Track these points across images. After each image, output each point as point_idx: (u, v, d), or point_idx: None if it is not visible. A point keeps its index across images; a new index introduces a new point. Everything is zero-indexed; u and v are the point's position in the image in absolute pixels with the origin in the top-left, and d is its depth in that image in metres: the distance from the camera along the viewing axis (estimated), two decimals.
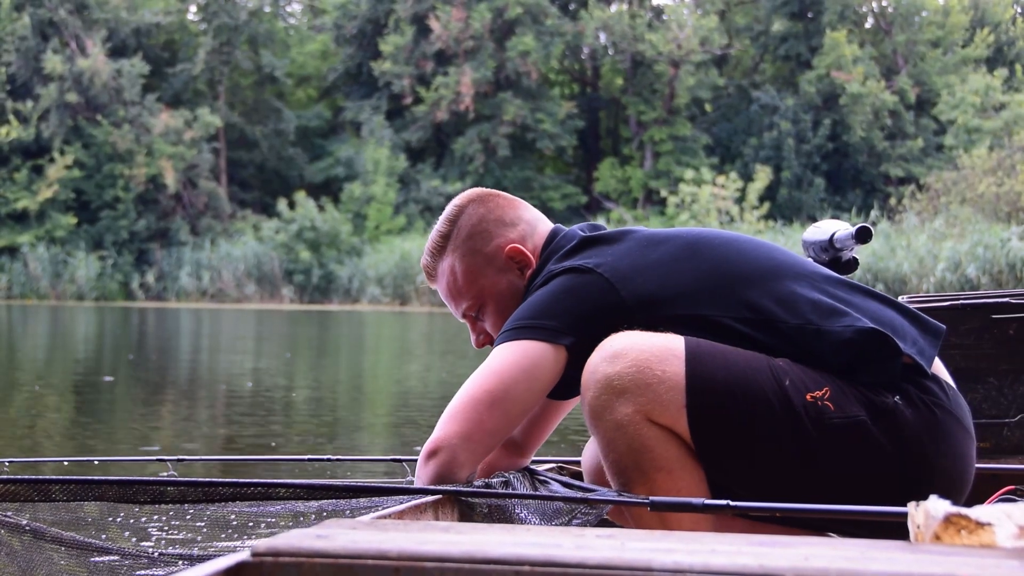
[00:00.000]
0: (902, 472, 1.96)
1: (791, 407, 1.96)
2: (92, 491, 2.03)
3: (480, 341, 2.32)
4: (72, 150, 35.97)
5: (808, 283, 2.09)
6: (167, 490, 2.01)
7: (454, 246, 2.27)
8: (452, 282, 2.28)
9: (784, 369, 1.99)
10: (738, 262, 2.11)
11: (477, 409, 2.02)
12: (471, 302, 2.28)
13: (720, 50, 39.72)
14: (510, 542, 1.27)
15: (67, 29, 37.65)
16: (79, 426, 6.38)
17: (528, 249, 2.26)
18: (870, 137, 37.04)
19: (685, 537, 1.37)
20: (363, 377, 10.85)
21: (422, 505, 1.86)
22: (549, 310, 2.06)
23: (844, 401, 1.97)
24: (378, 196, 36.33)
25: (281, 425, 6.47)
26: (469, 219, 2.28)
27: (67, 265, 34.38)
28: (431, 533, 1.34)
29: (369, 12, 41.13)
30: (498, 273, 2.25)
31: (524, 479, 2.27)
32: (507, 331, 2.07)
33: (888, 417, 1.97)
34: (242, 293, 34.26)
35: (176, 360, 12.31)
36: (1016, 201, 26.77)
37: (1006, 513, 1.31)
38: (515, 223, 2.29)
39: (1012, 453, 2.94)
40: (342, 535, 1.29)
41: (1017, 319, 2.94)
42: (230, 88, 39.95)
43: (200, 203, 37.30)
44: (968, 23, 39.14)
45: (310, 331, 19.91)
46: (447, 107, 38.06)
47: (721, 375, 1.96)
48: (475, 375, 2.06)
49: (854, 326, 1.99)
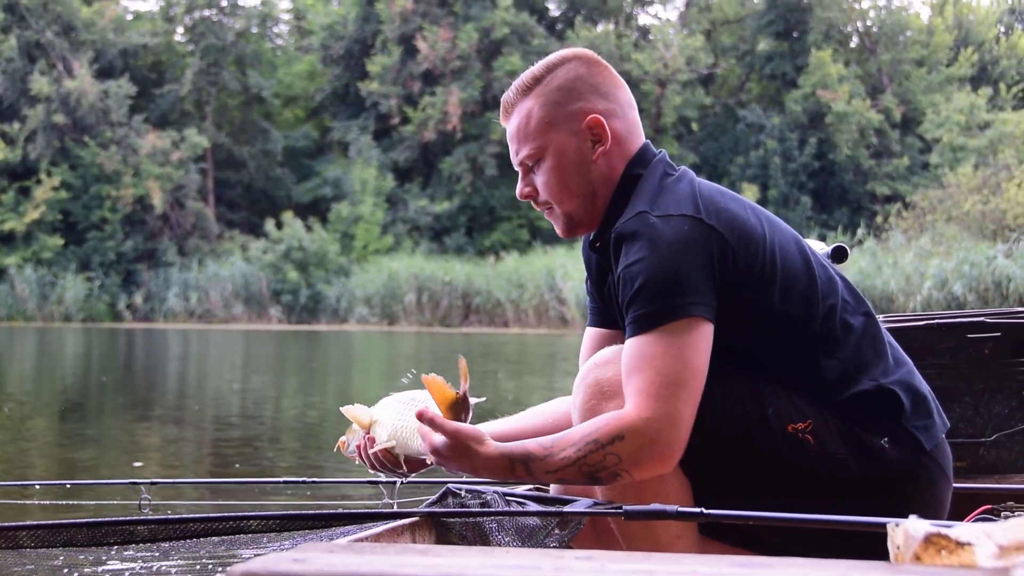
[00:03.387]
0: (877, 514, 1.92)
1: (771, 435, 1.97)
2: (61, 536, 2.00)
3: (525, 192, 2.24)
4: (59, 171, 35.83)
5: (854, 311, 2.11)
6: (137, 529, 1.99)
7: (541, 91, 2.18)
8: (524, 125, 2.19)
9: (769, 397, 1.99)
10: (828, 277, 2.11)
11: (683, 388, 1.91)
12: (533, 151, 2.19)
13: (706, 69, 39.84)
14: (489, 564, 1.26)
15: (54, 50, 37.58)
16: (56, 447, 6.32)
17: (609, 127, 2.16)
18: (856, 155, 37.15)
19: (666, 559, 1.36)
20: (350, 397, 10.80)
21: (399, 528, 1.86)
22: (700, 280, 1.95)
23: (826, 436, 1.98)
24: (366, 216, 36.26)
25: (258, 447, 6.40)
26: (566, 73, 2.18)
27: (54, 287, 34.18)
28: (409, 556, 1.33)
29: (356, 33, 41.17)
30: (570, 135, 2.15)
31: (500, 501, 2.25)
32: (676, 305, 1.94)
33: (871, 457, 1.98)
34: (230, 314, 34.14)
35: (158, 381, 12.23)
36: (1002, 219, 26.85)
37: (986, 532, 1.31)
38: (608, 97, 2.18)
39: (988, 472, 2.94)
40: (318, 558, 1.28)
41: (992, 338, 2.93)
42: (217, 109, 39.89)
43: (187, 224, 37.19)
44: (952, 42, 39.33)
45: (297, 351, 19.83)
46: (434, 127, 38.07)
47: (707, 392, 1.94)
48: (659, 352, 1.93)
49: (879, 382, 2.02)
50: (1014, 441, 2.90)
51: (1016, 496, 2.45)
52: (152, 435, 7.07)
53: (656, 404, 1.90)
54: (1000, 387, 2.92)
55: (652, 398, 1.90)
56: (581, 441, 1.93)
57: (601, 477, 1.93)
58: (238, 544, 2.14)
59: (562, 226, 2.22)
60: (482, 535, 2.03)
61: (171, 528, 1.99)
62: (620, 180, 2.16)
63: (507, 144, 2.31)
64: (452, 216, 37.32)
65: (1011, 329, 2.93)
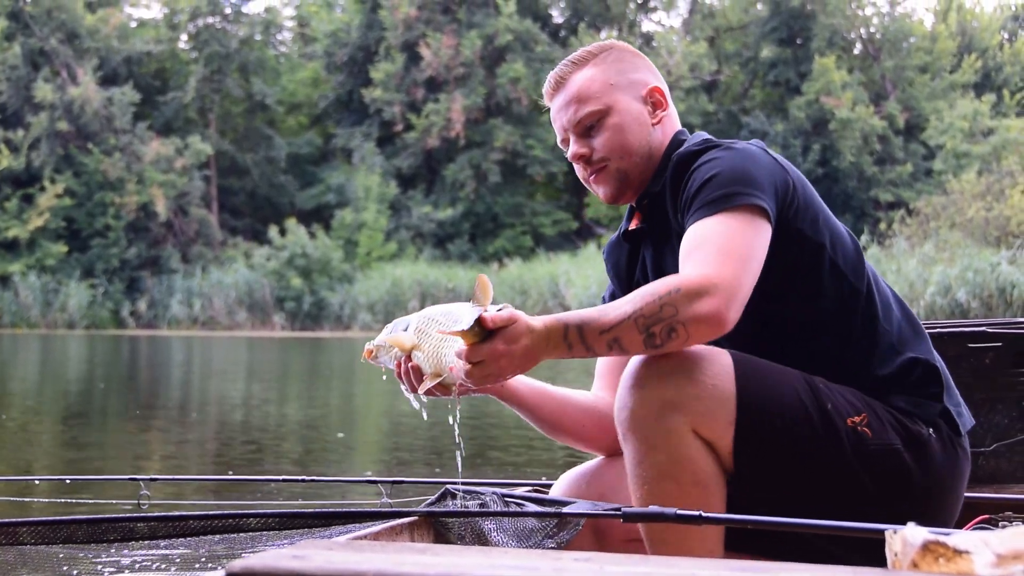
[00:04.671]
0: (925, 505, 1.96)
1: (835, 431, 1.94)
2: (60, 532, 2.00)
3: (581, 153, 2.20)
4: (63, 179, 35.89)
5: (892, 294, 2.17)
6: (137, 526, 1.98)
7: (598, 62, 2.22)
8: (587, 86, 2.19)
9: (825, 392, 1.97)
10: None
11: (743, 262, 1.89)
12: (599, 108, 2.18)
13: (710, 76, 39.85)
14: (487, 564, 1.26)
15: (58, 58, 37.66)
16: (56, 454, 6.32)
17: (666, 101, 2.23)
18: (859, 162, 37.12)
19: (663, 562, 1.36)
20: (352, 403, 10.77)
21: (398, 527, 1.84)
22: (765, 185, 1.98)
23: (880, 427, 1.97)
24: (369, 223, 36.27)
25: (259, 454, 6.39)
26: (621, 51, 2.25)
27: (58, 294, 34.22)
28: (408, 554, 1.32)
29: (360, 40, 41.21)
30: (634, 99, 2.19)
31: (498, 503, 2.22)
32: (742, 193, 1.95)
33: (920, 447, 1.98)
34: (233, 321, 34.14)
35: (160, 388, 12.22)
36: (1005, 226, 26.79)
37: (984, 541, 1.30)
38: (658, 77, 2.26)
39: (987, 482, 2.92)
40: (318, 556, 1.28)
41: (994, 348, 2.92)
42: (221, 116, 39.94)
43: (191, 231, 37.22)
44: (956, 49, 39.31)
45: (301, 358, 19.81)
46: (438, 134, 38.08)
47: (769, 393, 1.93)
48: (721, 230, 1.92)
49: (921, 356, 2.05)
50: (1013, 451, 2.88)
51: (1014, 506, 2.44)
52: (153, 442, 7.06)
53: (716, 266, 1.87)
54: (1000, 397, 2.90)
55: (711, 263, 1.88)
56: (636, 296, 1.88)
57: (656, 332, 1.85)
58: (237, 542, 2.14)
59: (613, 187, 2.21)
60: (480, 536, 2.01)
61: (171, 525, 1.98)
62: (668, 145, 2.20)
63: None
64: (455, 223, 37.32)
65: (1012, 339, 2.92)
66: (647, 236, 2.23)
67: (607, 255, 2.35)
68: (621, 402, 1.93)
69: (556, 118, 2.23)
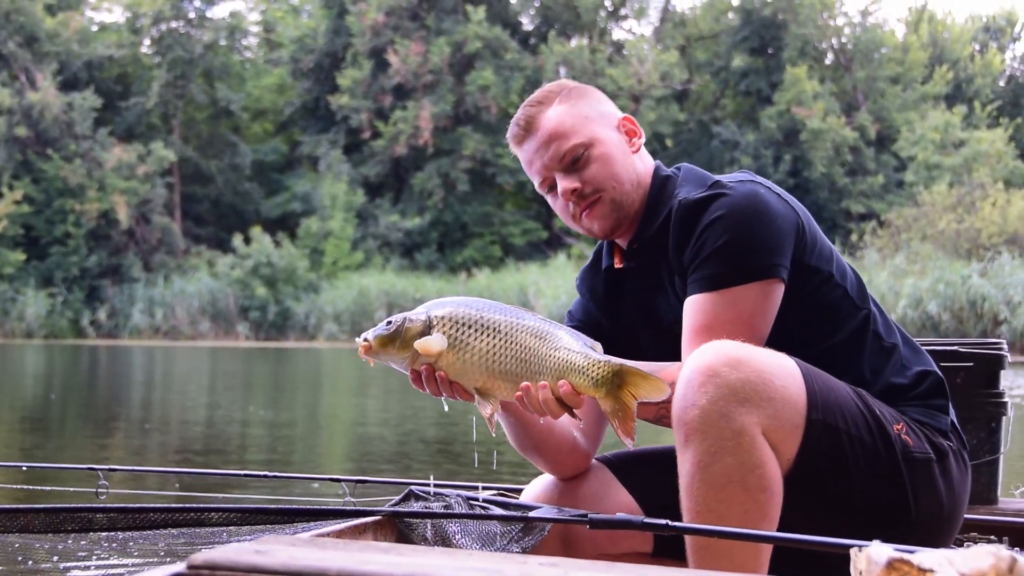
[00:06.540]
0: (948, 515, 2.00)
1: (887, 436, 1.97)
2: (16, 521, 2.04)
3: (573, 187, 2.15)
4: (21, 185, 35.36)
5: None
6: (96, 517, 2.02)
7: (565, 97, 2.19)
8: (563, 123, 2.16)
9: (870, 399, 2.00)
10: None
11: (759, 341, 1.98)
12: (581, 141, 2.15)
13: (681, 85, 39.69)
14: (452, 566, 1.28)
15: (16, 62, 37.08)
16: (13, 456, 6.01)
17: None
18: (831, 173, 37.09)
19: (629, 570, 1.37)
20: (317, 413, 10.46)
21: (361, 525, 1.90)
22: (778, 244, 2.01)
23: (916, 437, 2.01)
24: (336, 231, 35.95)
25: (219, 457, 6.24)
26: (578, 87, 2.23)
27: (15, 302, 33.78)
28: (372, 554, 1.34)
29: (326, 46, 40.84)
30: (610, 129, 2.19)
31: (463, 504, 2.22)
32: (758, 265, 2.00)
33: (945, 460, 2.02)
34: (196, 330, 33.77)
35: (122, 397, 11.89)
36: (976, 238, 26.79)
37: (948, 559, 1.30)
38: (616, 108, 2.25)
39: None
40: (281, 551, 1.29)
41: (965, 368, 2.93)
42: (185, 122, 39.51)
43: (153, 239, 36.75)
44: (927, 60, 39.38)
45: (265, 368, 19.60)
46: (406, 141, 37.77)
47: (833, 397, 1.94)
48: (744, 309, 1.98)
49: (929, 369, 2.11)
50: (980, 472, 2.86)
51: (980, 527, 2.49)
52: (113, 447, 6.87)
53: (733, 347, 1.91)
54: (970, 417, 2.89)
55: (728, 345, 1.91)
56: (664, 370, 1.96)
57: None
58: (198, 537, 2.15)
59: (610, 219, 2.17)
60: (444, 539, 2.05)
61: (130, 517, 2.00)
62: (652, 181, 2.20)
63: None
64: (423, 232, 37.01)
65: (984, 360, 2.94)
66: (633, 275, 2.23)
67: (580, 281, 2.35)
68: (688, 400, 1.86)
69: (532, 161, 2.19)
